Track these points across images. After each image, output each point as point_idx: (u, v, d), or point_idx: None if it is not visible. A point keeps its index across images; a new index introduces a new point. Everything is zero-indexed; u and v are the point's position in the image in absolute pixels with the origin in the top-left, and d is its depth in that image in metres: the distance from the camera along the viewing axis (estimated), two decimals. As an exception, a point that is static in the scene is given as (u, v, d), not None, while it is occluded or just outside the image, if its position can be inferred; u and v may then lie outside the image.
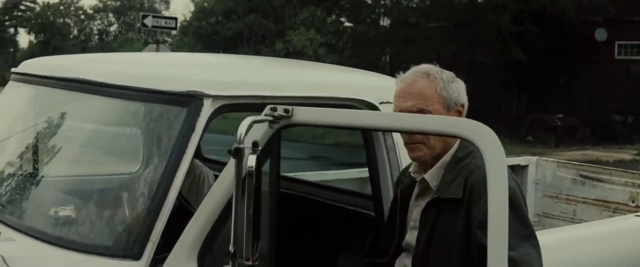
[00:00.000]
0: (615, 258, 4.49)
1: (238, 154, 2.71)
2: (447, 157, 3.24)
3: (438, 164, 3.24)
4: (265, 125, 3.03)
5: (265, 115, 2.95)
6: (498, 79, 30.65)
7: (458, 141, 3.23)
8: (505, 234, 2.55)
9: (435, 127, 2.81)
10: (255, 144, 2.74)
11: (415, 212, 3.34)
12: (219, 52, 45.36)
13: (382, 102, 3.96)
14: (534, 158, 7.11)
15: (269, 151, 3.02)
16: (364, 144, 4.01)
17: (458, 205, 3.09)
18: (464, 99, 3.30)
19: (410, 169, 3.42)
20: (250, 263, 2.69)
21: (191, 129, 3.43)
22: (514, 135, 26.06)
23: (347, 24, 38.12)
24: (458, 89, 3.28)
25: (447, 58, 24.73)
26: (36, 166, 3.84)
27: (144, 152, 3.70)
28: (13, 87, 4.40)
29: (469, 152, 3.19)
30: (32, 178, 3.85)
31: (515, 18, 28.83)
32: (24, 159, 3.90)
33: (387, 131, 3.31)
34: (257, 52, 50.09)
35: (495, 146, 2.61)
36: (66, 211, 3.54)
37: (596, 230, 4.88)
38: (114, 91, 3.71)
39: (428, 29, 31.73)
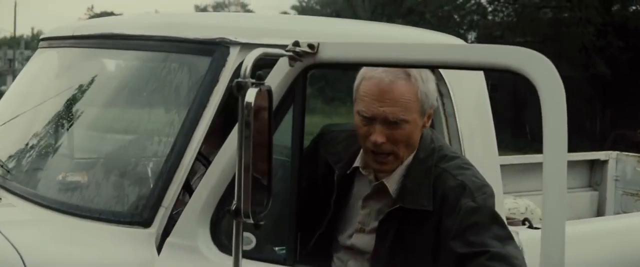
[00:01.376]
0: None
1: (241, 90, 2.23)
2: (408, 159, 2.88)
3: (399, 170, 2.88)
4: (284, 64, 2.62)
5: (286, 51, 2.54)
6: (582, 94, 29.78)
7: (417, 148, 2.90)
8: (564, 185, 2.24)
9: (480, 59, 2.41)
10: (258, 77, 2.26)
11: (363, 213, 2.96)
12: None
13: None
14: (614, 153, 6.57)
15: (291, 97, 2.60)
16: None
17: (427, 217, 2.75)
18: (435, 100, 2.93)
19: (358, 163, 2.99)
20: (252, 222, 2.23)
21: (214, 81, 2.97)
22: (598, 150, 25.13)
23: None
24: (433, 89, 2.91)
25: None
26: (49, 131, 3.42)
27: (162, 109, 3.26)
28: (37, 55, 4.03)
29: (430, 152, 2.89)
30: (44, 144, 3.44)
31: (598, 31, 28.08)
32: (38, 125, 3.47)
33: (424, 67, 2.76)
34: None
35: (553, 81, 2.24)
36: (75, 176, 3.12)
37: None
38: (132, 43, 3.30)
39: (514, 43, 31.06)
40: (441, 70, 3.27)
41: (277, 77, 2.67)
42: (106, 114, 3.40)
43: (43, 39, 4.02)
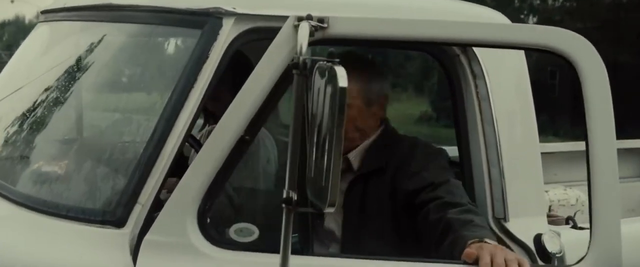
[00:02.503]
0: None
1: (304, 69, 2.10)
2: (370, 141, 3.11)
3: (360, 146, 3.10)
4: (288, 38, 2.35)
5: (294, 25, 2.32)
6: (641, 81, 29.08)
7: (379, 130, 3.14)
8: (615, 177, 2.25)
9: (518, 38, 2.41)
10: (331, 55, 2.12)
11: None
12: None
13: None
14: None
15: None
16: (449, 92, 3.04)
17: (383, 174, 2.99)
18: (387, 89, 3.19)
19: None
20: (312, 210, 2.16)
21: (203, 57, 2.55)
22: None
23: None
24: (381, 78, 3.15)
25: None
26: (23, 115, 3.02)
27: (144, 91, 2.84)
28: (34, 30, 3.65)
29: (391, 134, 3.15)
30: (15, 130, 3.04)
31: (659, 17, 27.42)
32: (14, 108, 3.08)
33: (454, 45, 2.63)
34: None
35: (595, 61, 2.26)
36: (45, 166, 2.72)
37: None
38: (120, 14, 2.90)
39: (573, 28, 30.43)
40: (476, 49, 2.91)
41: (280, 54, 2.36)
42: (83, 97, 2.96)
43: (42, 12, 3.64)
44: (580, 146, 5.67)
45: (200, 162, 2.42)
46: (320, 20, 2.29)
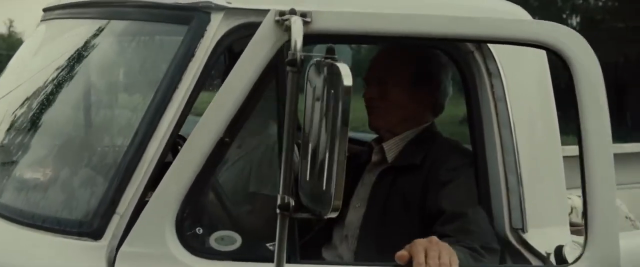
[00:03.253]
0: None
1: (295, 65, 2.00)
2: (411, 134, 3.02)
3: (400, 136, 3.02)
4: (269, 33, 2.23)
5: (276, 20, 2.21)
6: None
7: (424, 124, 3.05)
8: (612, 183, 2.28)
9: (510, 34, 2.35)
10: (330, 51, 2.02)
11: (362, 191, 3.02)
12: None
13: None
14: None
15: (274, 75, 2.27)
16: (464, 92, 2.83)
17: (416, 171, 2.87)
18: (444, 79, 3.10)
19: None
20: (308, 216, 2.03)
21: (188, 55, 2.36)
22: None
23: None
24: (436, 62, 3.08)
25: (633, 59, 23.11)
26: (4, 119, 2.84)
27: (126, 92, 2.65)
28: (35, 29, 3.48)
29: (434, 134, 3.05)
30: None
31: None
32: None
33: (441, 40, 2.46)
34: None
35: (588, 57, 2.27)
36: (23, 173, 2.55)
37: None
38: (108, 11, 2.73)
39: (615, 28, 30.06)
40: (492, 46, 2.71)
41: (262, 51, 2.25)
42: (62, 100, 2.75)
43: (43, 10, 3.47)
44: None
45: (178, 167, 2.25)
46: (303, 14, 2.15)
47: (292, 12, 2.17)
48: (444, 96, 3.08)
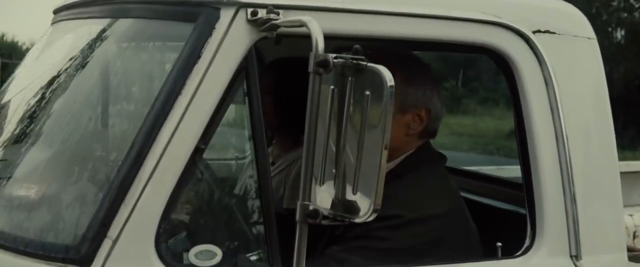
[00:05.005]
0: None
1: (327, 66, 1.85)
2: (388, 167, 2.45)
3: None
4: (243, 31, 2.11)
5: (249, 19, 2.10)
6: None
7: (406, 153, 2.67)
8: None
9: (447, 34, 2.35)
10: (356, 51, 1.88)
11: None
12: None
13: (538, 31, 2.46)
14: None
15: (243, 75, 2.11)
16: (513, 101, 2.53)
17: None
18: (435, 104, 2.67)
19: None
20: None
21: (194, 57, 2.07)
22: None
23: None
24: (419, 87, 2.64)
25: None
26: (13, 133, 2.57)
27: (124, 100, 2.36)
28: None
29: (415, 162, 2.65)
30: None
31: None
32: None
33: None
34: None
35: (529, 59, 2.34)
36: (9, 190, 2.26)
37: None
38: (112, 9, 2.45)
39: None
40: (543, 50, 2.47)
41: (236, 51, 2.11)
42: (55, 110, 2.44)
43: (53, 12, 3.20)
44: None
45: (157, 180, 2.02)
46: (272, 10, 2.06)
47: (255, 13, 2.09)
48: (436, 121, 2.73)
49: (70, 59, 2.46)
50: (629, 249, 2.99)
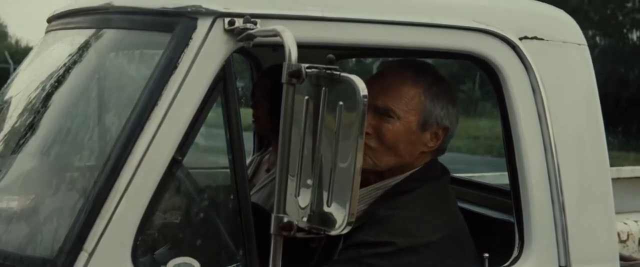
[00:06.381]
0: None
1: (299, 77, 1.85)
2: (392, 182, 2.56)
3: (376, 186, 2.57)
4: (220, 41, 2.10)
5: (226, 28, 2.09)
6: None
7: (412, 170, 2.59)
8: None
9: (434, 42, 2.33)
10: (331, 61, 1.89)
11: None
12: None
13: (525, 38, 2.43)
14: None
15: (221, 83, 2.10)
16: (499, 108, 2.50)
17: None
18: (442, 120, 2.59)
19: None
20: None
21: (170, 68, 2.05)
22: None
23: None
24: (443, 109, 2.59)
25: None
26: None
27: (100, 111, 2.34)
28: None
29: (419, 181, 2.57)
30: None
31: None
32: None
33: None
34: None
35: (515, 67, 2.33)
36: (1, 203, 2.25)
37: None
38: (94, 19, 2.42)
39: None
40: (530, 57, 2.45)
41: (213, 61, 2.09)
42: (38, 122, 2.42)
43: (47, 21, 3.19)
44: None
45: (133, 191, 2.00)
46: (249, 20, 2.04)
47: (239, 15, 2.08)
48: (449, 139, 2.67)
49: (53, 70, 2.45)
50: (627, 259, 2.96)
